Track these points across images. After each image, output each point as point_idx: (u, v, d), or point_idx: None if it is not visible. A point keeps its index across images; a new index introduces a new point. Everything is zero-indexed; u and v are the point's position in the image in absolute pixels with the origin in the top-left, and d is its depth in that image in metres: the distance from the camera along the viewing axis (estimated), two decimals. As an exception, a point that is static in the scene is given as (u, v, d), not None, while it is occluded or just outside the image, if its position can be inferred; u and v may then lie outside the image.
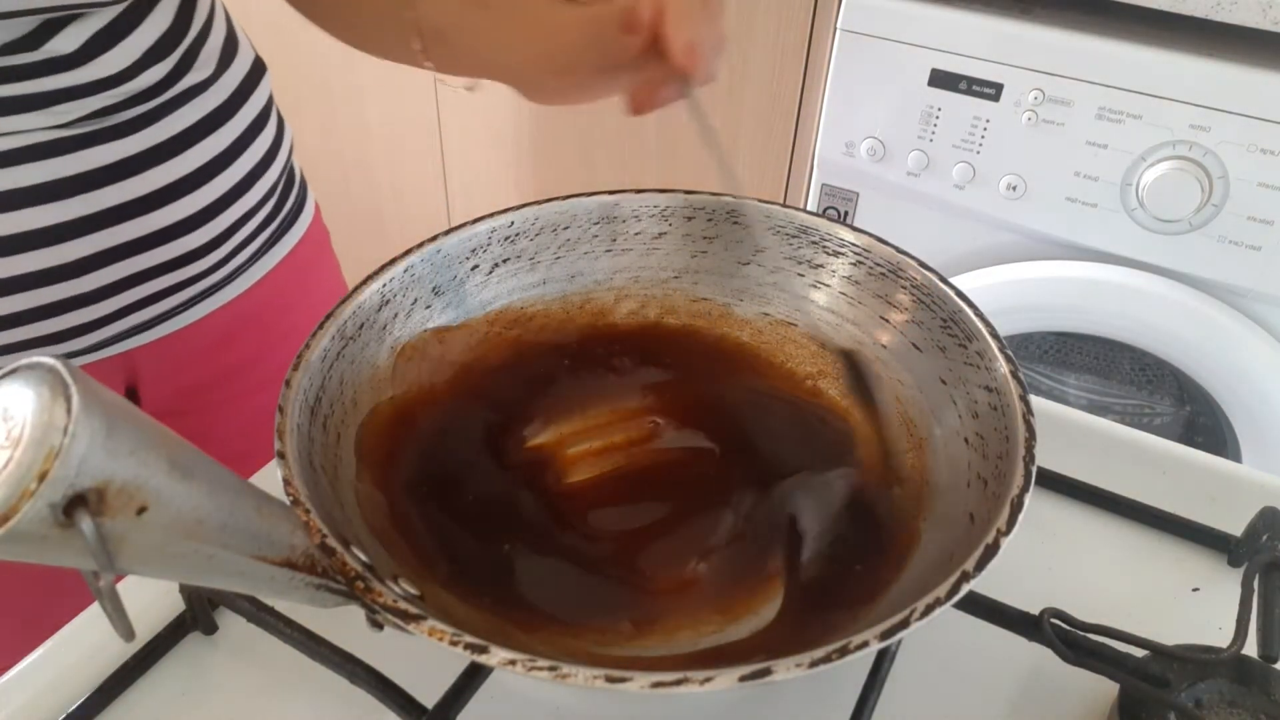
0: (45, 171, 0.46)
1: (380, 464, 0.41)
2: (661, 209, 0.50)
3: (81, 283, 0.49)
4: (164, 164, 0.50)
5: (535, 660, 0.27)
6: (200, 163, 0.52)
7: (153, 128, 0.49)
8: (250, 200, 0.56)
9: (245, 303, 0.59)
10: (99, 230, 0.49)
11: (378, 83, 1.45)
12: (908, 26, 0.98)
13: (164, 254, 0.52)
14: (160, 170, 0.50)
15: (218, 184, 0.53)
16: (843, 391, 0.47)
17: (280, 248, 0.61)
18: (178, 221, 0.52)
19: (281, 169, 0.60)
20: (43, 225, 0.47)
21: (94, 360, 0.54)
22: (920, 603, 0.29)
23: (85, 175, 0.47)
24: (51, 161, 0.46)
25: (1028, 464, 0.34)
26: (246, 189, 0.56)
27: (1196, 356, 0.98)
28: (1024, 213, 1.00)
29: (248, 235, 0.57)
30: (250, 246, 0.58)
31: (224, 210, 0.54)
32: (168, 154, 0.50)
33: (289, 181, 0.62)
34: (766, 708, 0.40)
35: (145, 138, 0.49)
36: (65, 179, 0.46)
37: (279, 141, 0.60)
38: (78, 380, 0.23)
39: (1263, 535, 0.42)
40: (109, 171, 0.48)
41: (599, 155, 1.31)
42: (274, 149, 0.59)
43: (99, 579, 0.24)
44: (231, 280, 0.58)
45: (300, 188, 0.64)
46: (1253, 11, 0.84)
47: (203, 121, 0.52)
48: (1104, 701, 0.39)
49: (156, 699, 0.40)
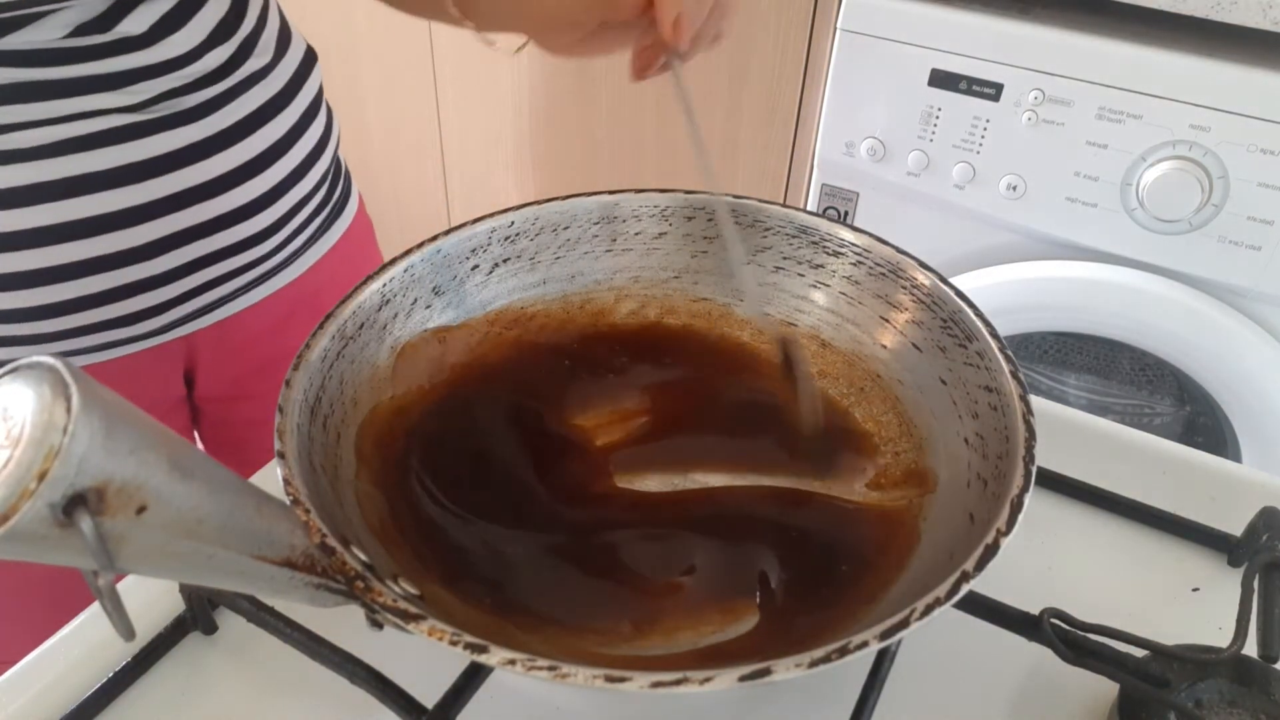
0: (121, 155, 0.48)
1: (380, 464, 0.41)
2: (662, 209, 0.50)
3: (149, 266, 0.51)
4: (228, 149, 0.52)
5: (535, 660, 0.27)
6: (260, 149, 0.54)
7: (218, 113, 0.51)
8: (304, 187, 0.58)
9: (297, 289, 0.61)
10: (167, 214, 0.50)
11: (378, 82, 1.45)
12: (908, 26, 0.98)
13: (225, 239, 0.54)
14: (224, 156, 0.52)
15: (276, 170, 0.55)
16: (842, 391, 0.47)
17: (330, 235, 0.63)
18: (239, 207, 0.53)
19: (331, 157, 0.62)
20: (119, 208, 0.48)
21: (155, 345, 0.55)
22: (920, 602, 0.29)
23: (157, 159, 0.49)
24: (127, 146, 0.48)
25: (1028, 464, 0.34)
26: (301, 176, 0.57)
27: (1196, 356, 0.98)
28: (1024, 213, 1.00)
29: (302, 222, 0.59)
30: (304, 233, 0.60)
31: (281, 196, 0.56)
32: (231, 139, 0.52)
33: (337, 171, 0.64)
34: (766, 707, 0.40)
35: (211, 123, 0.51)
36: (139, 163, 0.48)
37: (329, 130, 0.61)
38: (77, 380, 0.23)
39: (1263, 535, 0.42)
40: (178, 156, 0.50)
41: (599, 155, 1.31)
42: (325, 137, 0.60)
43: (99, 578, 0.24)
44: (285, 266, 0.60)
45: (346, 178, 0.66)
46: (1253, 11, 0.84)
47: (263, 108, 0.54)
48: (1104, 701, 0.39)
49: (156, 699, 0.40)
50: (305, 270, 0.61)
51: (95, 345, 0.52)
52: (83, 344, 0.52)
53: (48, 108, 0.45)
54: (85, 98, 0.46)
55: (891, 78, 1.00)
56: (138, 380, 0.56)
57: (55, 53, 0.44)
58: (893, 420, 0.44)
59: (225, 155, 0.52)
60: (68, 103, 0.45)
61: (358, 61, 1.44)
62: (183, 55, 0.48)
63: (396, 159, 1.52)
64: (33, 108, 0.45)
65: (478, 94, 1.37)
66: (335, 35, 1.42)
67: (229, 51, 0.51)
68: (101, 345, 0.53)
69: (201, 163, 0.51)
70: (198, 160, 0.50)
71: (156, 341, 0.55)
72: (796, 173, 1.17)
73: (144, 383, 0.57)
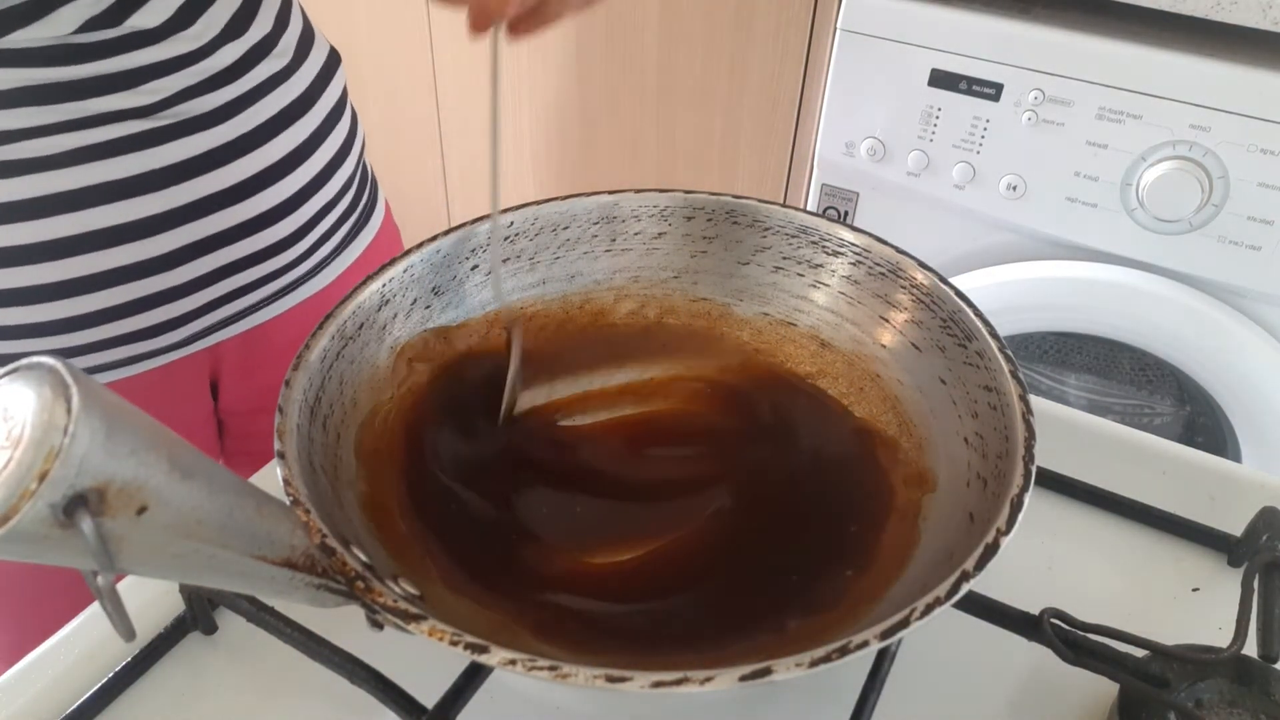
0: (140, 163, 0.47)
1: (380, 464, 0.41)
2: (661, 209, 0.50)
3: (172, 276, 0.50)
4: (249, 154, 0.51)
5: (536, 660, 0.27)
6: (283, 153, 0.53)
7: (238, 118, 0.51)
8: (329, 193, 0.57)
9: (324, 300, 0.60)
10: (189, 222, 0.50)
11: (378, 82, 1.45)
12: (908, 26, 0.98)
13: (249, 246, 0.53)
14: (246, 161, 0.51)
15: (299, 174, 0.54)
16: (842, 391, 0.47)
17: (357, 245, 0.62)
18: (262, 213, 0.53)
19: (356, 162, 0.61)
20: (138, 217, 0.48)
21: (180, 357, 0.55)
22: (920, 602, 0.29)
23: (176, 166, 0.48)
24: (147, 152, 0.47)
25: (1027, 463, 0.34)
26: (325, 180, 0.57)
27: (1196, 356, 0.98)
28: (1024, 213, 1.00)
29: (328, 229, 0.58)
30: (330, 241, 0.59)
31: (305, 202, 0.55)
32: (252, 144, 0.51)
33: (363, 176, 0.63)
34: (767, 707, 0.40)
35: (231, 128, 0.50)
36: (158, 170, 0.48)
37: (353, 134, 0.61)
38: (78, 380, 0.23)
39: (1263, 535, 0.42)
40: (197, 163, 0.49)
41: (599, 155, 1.31)
42: (349, 141, 0.60)
43: (99, 579, 0.24)
44: (312, 276, 0.59)
45: (372, 184, 0.66)
46: (1253, 11, 0.84)
47: (284, 112, 0.53)
48: (1104, 701, 0.39)
49: (156, 699, 0.40)
50: (332, 280, 0.60)
51: (121, 359, 0.52)
52: (108, 358, 0.51)
53: (59, 110, 0.45)
54: (97, 99, 0.45)
55: (891, 78, 1.00)
56: (168, 395, 0.55)
57: (64, 50, 0.44)
58: (892, 420, 0.44)
59: (246, 161, 0.51)
60: (79, 105, 0.45)
61: (358, 61, 1.44)
62: (194, 51, 0.48)
63: (396, 159, 1.52)
64: (44, 110, 0.44)
65: (478, 94, 1.37)
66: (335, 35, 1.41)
67: (242, 49, 0.50)
68: (127, 359, 0.52)
69: (221, 169, 0.50)
70: (217, 166, 0.50)
71: (182, 354, 0.54)
72: (796, 173, 1.17)
73: (175, 397, 0.56)
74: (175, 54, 0.47)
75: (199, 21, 0.48)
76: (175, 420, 0.57)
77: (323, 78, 0.57)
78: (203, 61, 0.48)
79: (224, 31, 0.49)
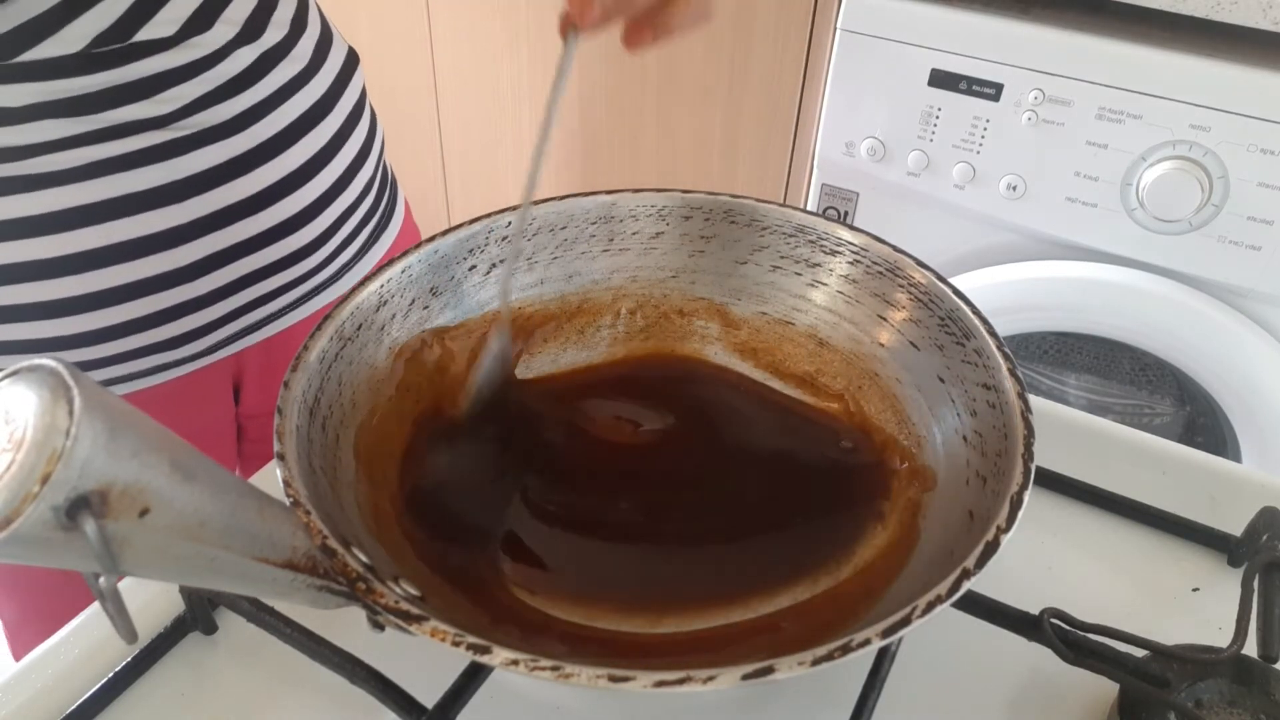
0: (160, 174, 0.47)
1: (380, 465, 0.41)
2: (659, 209, 0.50)
3: (194, 287, 0.50)
4: (269, 162, 0.51)
5: (538, 660, 0.27)
6: (303, 160, 0.53)
7: (257, 125, 0.50)
8: (348, 197, 0.57)
9: None
10: (211, 232, 0.50)
11: (378, 83, 1.44)
12: (908, 26, 0.98)
13: (272, 254, 0.53)
14: (266, 169, 0.51)
15: (320, 180, 0.54)
16: (840, 389, 0.47)
17: (379, 247, 0.62)
18: (284, 221, 0.53)
19: (376, 163, 0.61)
20: (161, 229, 0.48)
21: (204, 365, 0.54)
22: (921, 600, 0.29)
23: (196, 177, 0.48)
24: (168, 164, 0.47)
25: (1026, 461, 0.34)
26: (346, 184, 0.56)
27: (1196, 356, 0.98)
28: (1024, 213, 1.00)
29: (349, 233, 0.58)
30: (352, 245, 0.59)
31: (325, 208, 0.55)
32: (272, 152, 0.51)
33: (384, 179, 0.63)
34: (767, 707, 0.40)
35: (250, 136, 0.50)
36: (179, 181, 0.48)
37: (373, 135, 0.60)
38: (80, 383, 0.23)
39: (1263, 535, 0.42)
40: (217, 173, 0.49)
41: (598, 155, 1.31)
42: (369, 143, 0.60)
43: (101, 580, 0.24)
44: (335, 281, 0.59)
45: (393, 185, 0.65)
46: (1253, 11, 0.84)
47: (303, 117, 0.53)
48: (1104, 701, 0.39)
49: (156, 699, 0.40)
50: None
51: (146, 369, 0.52)
52: (133, 368, 0.51)
53: (79, 123, 0.44)
54: (114, 111, 0.45)
55: (891, 78, 1.00)
56: (192, 402, 0.55)
57: (76, 60, 0.43)
58: (891, 418, 0.44)
59: (265, 169, 0.51)
60: (98, 117, 0.45)
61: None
62: (208, 56, 0.48)
63: (397, 159, 1.52)
64: (63, 124, 0.44)
65: (477, 94, 1.37)
66: (335, 36, 1.42)
67: (256, 53, 0.50)
68: (152, 369, 0.52)
69: (242, 178, 0.50)
70: (238, 175, 0.50)
71: (206, 361, 0.54)
72: (796, 173, 1.17)
73: (199, 403, 0.56)
74: (189, 60, 0.47)
75: (212, 28, 0.48)
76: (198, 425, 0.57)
77: (341, 80, 0.56)
78: (217, 66, 0.48)
79: (238, 36, 0.49)
